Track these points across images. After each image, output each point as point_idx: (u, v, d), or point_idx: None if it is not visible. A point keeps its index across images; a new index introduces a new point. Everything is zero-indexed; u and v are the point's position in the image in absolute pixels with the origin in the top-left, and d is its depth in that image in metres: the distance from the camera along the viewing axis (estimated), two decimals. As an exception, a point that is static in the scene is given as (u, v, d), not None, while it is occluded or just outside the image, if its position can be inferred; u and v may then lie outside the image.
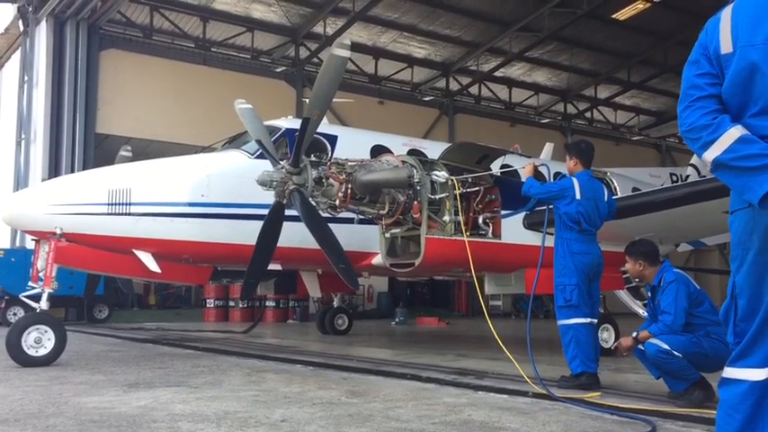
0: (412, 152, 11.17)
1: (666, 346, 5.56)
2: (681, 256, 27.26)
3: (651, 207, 9.26)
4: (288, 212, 8.60)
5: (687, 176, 16.98)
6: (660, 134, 33.68)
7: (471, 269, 8.16)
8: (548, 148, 15.89)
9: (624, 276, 10.45)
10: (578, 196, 6.77)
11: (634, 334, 5.91)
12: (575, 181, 6.87)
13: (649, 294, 6.24)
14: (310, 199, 8.26)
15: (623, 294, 11.15)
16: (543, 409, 5.38)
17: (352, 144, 10.99)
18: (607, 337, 10.36)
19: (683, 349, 5.55)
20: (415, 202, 8.72)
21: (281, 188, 8.18)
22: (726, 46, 2.71)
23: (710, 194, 8.33)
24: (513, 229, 9.83)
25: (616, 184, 13.34)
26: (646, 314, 6.87)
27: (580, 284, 6.67)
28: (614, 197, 8.45)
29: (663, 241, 11.82)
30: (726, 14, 2.75)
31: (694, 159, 18.04)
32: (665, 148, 37.50)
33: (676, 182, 15.98)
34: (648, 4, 25.63)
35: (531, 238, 9.67)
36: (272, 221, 8.59)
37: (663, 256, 6.64)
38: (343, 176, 8.30)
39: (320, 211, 8.68)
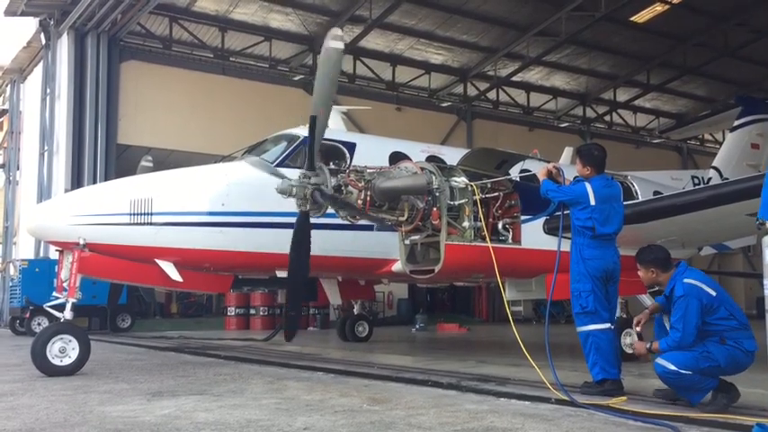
0: (430, 158, 11.16)
1: (673, 367, 5.50)
2: (704, 260, 26.94)
3: (673, 210, 9.16)
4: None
5: (709, 179, 16.81)
6: (681, 137, 33.37)
7: (497, 276, 8.12)
8: (567, 152, 15.80)
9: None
10: (592, 202, 6.69)
11: (648, 345, 5.88)
12: (588, 187, 6.77)
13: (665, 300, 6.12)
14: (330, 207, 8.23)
15: (646, 299, 11.04)
16: (566, 416, 5.34)
17: (370, 151, 11.00)
18: (630, 342, 10.25)
19: (691, 366, 5.46)
20: (435, 209, 8.69)
21: (301, 193, 8.00)
22: None
23: (734, 197, 8.22)
24: (533, 235, 9.78)
25: (637, 187, 13.23)
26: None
27: (595, 290, 6.58)
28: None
29: (686, 245, 11.70)
30: None
31: (716, 161, 17.89)
32: (686, 150, 37.16)
33: (698, 185, 15.82)
34: (667, 6, 25.45)
35: (552, 244, 9.58)
36: (301, 235, 8.06)
37: (683, 259, 6.55)
38: (362, 184, 8.28)
39: (340, 219, 8.68)
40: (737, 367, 5.58)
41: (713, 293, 5.67)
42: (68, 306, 8.45)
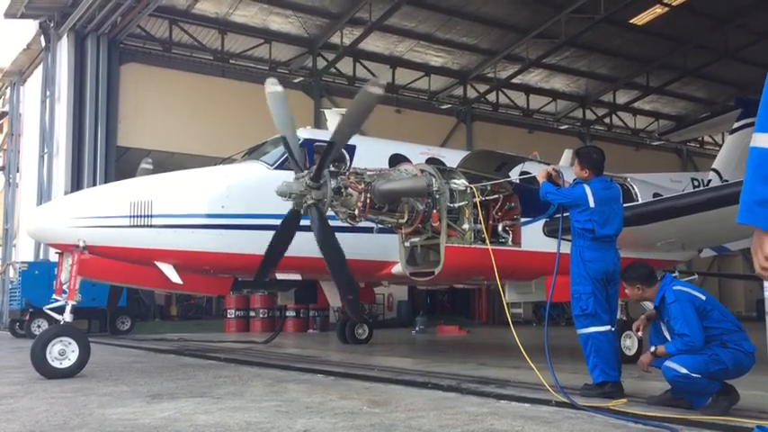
0: (430, 161, 11.16)
1: (684, 371, 5.47)
2: (704, 262, 26.95)
3: (673, 213, 9.16)
4: (308, 222, 8.58)
5: (709, 181, 16.81)
6: (680, 139, 33.39)
7: (497, 278, 8.12)
8: (566, 154, 15.81)
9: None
10: (592, 205, 6.69)
11: (652, 349, 5.87)
12: (587, 189, 6.77)
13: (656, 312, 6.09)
14: (330, 209, 8.25)
15: (646, 302, 11.05)
16: (566, 418, 5.34)
17: (370, 154, 11.00)
18: (630, 344, 10.24)
19: (701, 370, 5.44)
20: (435, 211, 8.69)
21: (299, 200, 8.18)
22: None
23: (734, 199, 8.19)
24: (533, 237, 9.78)
25: (637, 189, 13.23)
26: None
27: (595, 292, 6.57)
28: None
29: (686, 247, 11.69)
30: None
31: (716, 164, 17.89)
32: (686, 152, 37.19)
33: (698, 187, 15.82)
34: (667, 8, 25.49)
35: (552, 246, 9.59)
36: (286, 226, 8.56)
37: (675, 268, 6.56)
38: (362, 186, 8.29)
39: (340, 222, 8.68)
40: (741, 370, 5.58)
41: (703, 297, 5.76)
42: (68, 308, 8.43)
